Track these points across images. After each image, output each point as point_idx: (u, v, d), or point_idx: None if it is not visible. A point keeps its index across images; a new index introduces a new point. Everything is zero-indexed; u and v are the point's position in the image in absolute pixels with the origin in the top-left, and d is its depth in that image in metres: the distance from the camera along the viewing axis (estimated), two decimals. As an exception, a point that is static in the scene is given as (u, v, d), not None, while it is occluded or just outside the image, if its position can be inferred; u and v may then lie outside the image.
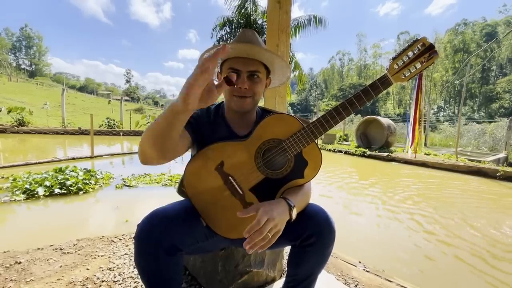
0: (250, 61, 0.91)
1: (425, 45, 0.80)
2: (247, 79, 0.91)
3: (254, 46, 0.87)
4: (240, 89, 0.90)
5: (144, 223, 0.77)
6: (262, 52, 0.89)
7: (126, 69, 75.67)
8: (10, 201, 3.09)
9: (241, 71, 0.90)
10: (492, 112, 30.17)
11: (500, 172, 6.05)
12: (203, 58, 0.57)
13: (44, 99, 21.69)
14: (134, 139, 11.96)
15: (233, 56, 0.91)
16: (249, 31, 0.97)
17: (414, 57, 0.82)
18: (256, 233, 0.69)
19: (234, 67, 0.90)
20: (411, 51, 0.82)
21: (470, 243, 2.68)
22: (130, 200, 3.49)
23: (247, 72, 0.91)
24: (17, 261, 1.50)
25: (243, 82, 0.90)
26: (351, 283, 1.46)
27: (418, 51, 0.81)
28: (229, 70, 0.91)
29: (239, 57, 0.91)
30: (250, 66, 0.91)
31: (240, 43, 0.87)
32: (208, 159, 0.89)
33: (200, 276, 1.29)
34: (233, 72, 0.88)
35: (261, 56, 0.92)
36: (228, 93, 0.93)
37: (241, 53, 0.90)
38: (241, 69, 0.90)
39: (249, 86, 0.91)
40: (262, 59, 0.94)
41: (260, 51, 0.89)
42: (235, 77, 0.65)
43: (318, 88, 63.94)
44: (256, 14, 9.91)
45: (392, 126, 10.03)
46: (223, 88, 0.63)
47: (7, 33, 69.38)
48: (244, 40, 0.92)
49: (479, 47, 34.97)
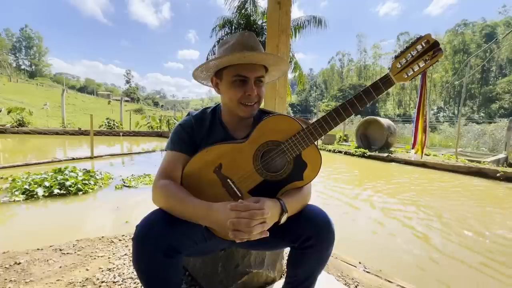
0: (256, 66, 0.89)
1: (430, 42, 0.77)
2: (254, 85, 0.89)
3: (262, 54, 0.87)
4: (250, 96, 0.88)
5: (142, 224, 0.76)
6: (269, 57, 0.90)
7: (126, 70, 75.81)
8: (9, 201, 3.09)
9: (249, 78, 0.88)
10: (492, 113, 30.18)
11: (500, 173, 6.04)
12: (238, 232, 0.71)
13: (44, 99, 21.69)
14: (134, 140, 11.96)
15: (242, 63, 0.87)
16: (248, 34, 0.93)
17: (418, 55, 0.78)
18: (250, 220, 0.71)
19: (243, 74, 0.87)
20: (415, 49, 0.79)
21: (470, 244, 2.67)
22: (130, 200, 3.49)
23: (254, 77, 0.89)
24: (16, 261, 1.49)
25: (251, 89, 0.88)
26: (351, 284, 1.46)
27: (422, 49, 0.78)
28: (236, 77, 0.87)
29: (245, 63, 0.88)
30: (257, 72, 0.89)
31: (252, 52, 0.85)
32: (206, 161, 0.88)
33: (200, 276, 1.29)
34: (241, 79, 0.88)
35: (267, 61, 0.91)
36: (234, 102, 0.90)
37: (251, 61, 0.87)
38: (249, 76, 0.88)
39: (256, 91, 0.89)
40: (269, 64, 0.93)
41: (267, 57, 0.89)
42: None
43: (318, 89, 64.00)
44: (256, 15, 9.92)
45: (392, 126, 10.03)
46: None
47: (7, 33, 69.43)
48: (249, 47, 0.88)
49: (479, 48, 34.99)
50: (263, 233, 0.73)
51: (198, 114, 0.99)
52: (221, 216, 0.74)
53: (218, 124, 0.97)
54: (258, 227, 0.72)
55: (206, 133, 0.95)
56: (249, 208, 0.73)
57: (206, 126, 0.96)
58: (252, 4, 9.71)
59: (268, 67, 0.96)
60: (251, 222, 0.71)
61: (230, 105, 0.93)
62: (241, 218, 0.71)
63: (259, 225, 0.72)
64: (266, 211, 0.74)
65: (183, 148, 0.90)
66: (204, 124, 0.96)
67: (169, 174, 0.86)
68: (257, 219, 0.72)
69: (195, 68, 0.91)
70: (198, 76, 0.97)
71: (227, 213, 0.73)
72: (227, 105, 0.96)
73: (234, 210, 0.73)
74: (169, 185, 0.83)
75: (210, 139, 0.94)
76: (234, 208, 0.73)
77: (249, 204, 0.74)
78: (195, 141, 0.93)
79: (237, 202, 0.75)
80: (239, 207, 0.73)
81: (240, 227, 0.70)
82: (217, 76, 0.94)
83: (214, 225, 0.76)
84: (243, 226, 0.70)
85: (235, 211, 0.73)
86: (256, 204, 0.74)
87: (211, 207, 0.77)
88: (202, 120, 0.97)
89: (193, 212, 0.78)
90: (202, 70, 0.93)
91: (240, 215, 0.72)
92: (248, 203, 0.74)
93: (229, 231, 0.71)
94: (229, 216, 0.72)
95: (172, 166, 0.88)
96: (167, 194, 0.81)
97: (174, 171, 0.87)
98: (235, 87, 0.89)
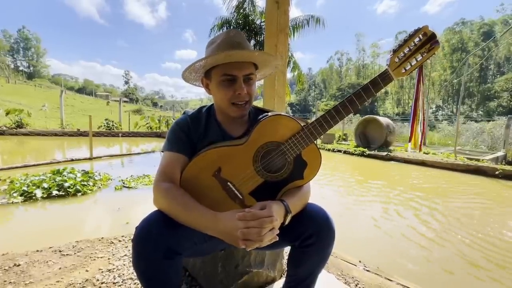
0: (245, 64, 0.88)
1: (427, 34, 0.76)
2: (244, 84, 0.87)
3: (251, 52, 0.85)
4: (240, 95, 0.87)
5: (142, 226, 0.76)
6: (255, 54, 0.88)
7: (125, 70, 75.67)
8: (7, 203, 3.08)
9: (237, 76, 0.86)
10: (490, 111, 30.20)
11: (499, 171, 6.06)
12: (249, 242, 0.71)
13: (42, 100, 21.64)
14: (133, 140, 11.94)
15: (228, 61, 0.86)
16: (234, 32, 0.91)
17: (416, 48, 0.77)
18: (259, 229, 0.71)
19: (230, 73, 0.86)
20: (413, 42, 0.78)
21: (470, 242, 2.68)
22: (130, 201, 3.48)
23: (243, 76, 0.87)
24: (16, 263, 1.49)
25: (241, 88, 0.86)
26: (351, 283, 1.46)
27: (420, 41, 0.77)
28: (224, 76, 0.86)
29: (232, 61, 0.86)
30: (245, 70, 0.87)
31: (236, 50, 0.84)
32: (205, 165, 0.87)
33: (200, 276, 1.28)
34: (230, 78, 0.86)
35: (254, 57, 0.89)
36: (225, 102, 0.89)
37: (238, 59, 0.86)
38: (237, 74, 0.86)
39: (246, 90, 0.88)
40: (257, 61, 0.92)
41: (256, 54, 0.87)
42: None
43: (317, 88, 63.98)
44: (255, 15, 9.91)
45: (391, 125, 10.05)
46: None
47: (4, 34, 69.12)
48: (235, 44, 0.87)
49: (477, 46, 35.06)
50: (273, 238, 0.73)
51: (194, 113, 0.98)
52: (228, 226, 0.73)
53: (213, 123, 0.96)
54: (268, 235, 0.72)
55: (202, 132, 0.94)
56: (257, 216, 0.72)
57: (202, 125, 0.95)
58: (251, 3, 9.69)
59: (258, 64, 0.94)
60: (261, 231, 0.70)
61: (221, 106, 0.92)
62: (251, 227, 0.71)
63: (269, 232, 0.72)
64: (274, 217, 0.73)
65: (181, 148, 0.90)
66: (200, 123, 0.95)
67: (169, 175, 0.85)
68: (266, 227, 0.71)
69: (183, 70, 0.90)
70: (188, 78, 0.95)
71: (234, 223, 0.72)
72: (218, 106, 0.95)
73: (242, 220, 0.72)
74: (173, 190, 0.81)
75: (207, 138, 0.93)
76: (242, 218, 0.72)
77: (257, 212, 0.73)
78: (192, 140, 0.92)
79: (245, 211, 0.74)
80: (247, 216, 0.72)
81: (250, 237, 0.70)
82: (206, 77, 0.93)
83: (221, 235, 0.75)
84: (254, 235, 0.70)
85: (244, 221, 0.72)
86: (264, 212, 0.73)
87: (217, 216, 0.76)
88: (198, 119, 0.96)
89: (198, 221, 0.77)
90: (191, 72, 0.92)
91: (249, 225, 0.71)
92: (255, 211, 0.73)
93: (240, 241, 0.71)
94: (237, 226, 0.71)
95: (171, 167, 0.87)
96: (171, 199, 0.79)
97: (173, 173, 0.86)
98: (224, 87, 0.87)
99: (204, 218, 0.76)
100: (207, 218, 0.76)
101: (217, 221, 0.75)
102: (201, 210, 0.77)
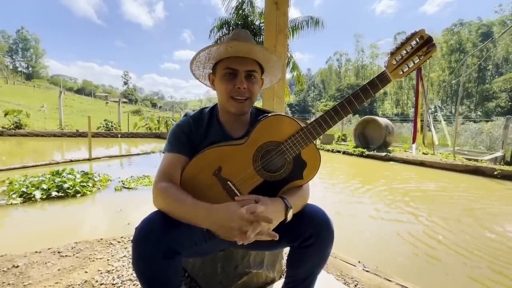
0: (247, 60, 0.89)
1: (424, 38, 0.77)
2: (244, 79, 0.89)
3: (251, 44, 0.86)
4: (239, 89, 0.88)
5: (141, 226, 0.76)
6: (259, 50, 0.88)
7: (124, 71, 75.40)
8: (6, 204, 3.07)
9: (238, 71, 0.88)
10: (489, 111, 30.28)
11: (498, 171, 6.08)
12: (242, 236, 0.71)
13: (41, 101, 21.57)
14: (132, 141, 11.93)
15: (230, 55, 0.88)
16: (243, 31, 0.95)
17: (413, 51, 0.78)
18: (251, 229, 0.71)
19: (231, 67, 0.88)
20: (410, 45, 0.79)
21: (469, 242, 2.69)
22: (130, 202, 3.48)
23: (244, 71, 0.89)
24: (14, 264, 1.48)
25: (241, 82, 0.88)
26: (350, 283, 1.46)
27: (416, 45, 0.78)
28: (226, 70, 0.88)
29: (235, 56, 0.89)
30: (247, 65, 0.89)
31: (237, 42, 0.85)
32: (205, 164, 0.87)
33: (200, 277, 1.28)
34: (230, 72, 0.88)
35: (257, 54, 0.90)
36: (225, 96, 0.90)
37: (238, 52, 0.88)
38: (239, 68, 0.88)
39: (247, 86, 0.89)
40: (258, 58, 0.92)
41: (257, 49, 0.87)
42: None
43: (316, 89, 64.02)
44: (254, 15, 9.92)
45: (390, 126, 10.07)
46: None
47: (3, 35, 68.94)
48: (237, 38, 0.90)
49: (475, 47, 35.18)
50: (272, 235, 0.73)
51: (196, 114, 0.99)
52: (222, 217, 0.74)
53: (215, 124, 0.97)
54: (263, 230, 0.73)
55: (204, 132, 0.94)
56: (251, 210, 0.73)
57: (204, 126, 0.95)
58: (250, 4, 9.71)
59: (261, 62, 0.95)
60: (257, 225, 0.71)
61: (222, 101, 0.94)
62: (246, 220, 0.72)
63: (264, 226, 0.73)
64: (264, 208, 0.75)
65: (182, 149, 0.90)
66: (202, 124, 0.96)
67: (169, 176, 0.86)
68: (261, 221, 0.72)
69: (190, 62, 0.93)
70: (197, 74, 0.99)
71: (228, 214, 0.73)
72: (220, 102, 0.96)
73: (239, 216, 0.73)
74: (169, 187, 0.82)
75: (208, 139, 0.93)
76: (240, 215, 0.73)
77: (251, 206, 0.74)
78: (194, 141, 0.93)
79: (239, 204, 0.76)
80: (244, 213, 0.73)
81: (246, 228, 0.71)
82: (213, 73, 0.96)
83: (215, 226, 0.76)
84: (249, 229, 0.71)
85: (240, 216, 0.73)
86: (260, 206, 0.75)
87: (211, 208, 0.77)
88: (200, 120, 0.97)
89: (193, 213, 0.77)
90: (198, 66, 0.95)
91: (244, 217, 0.72)
92: (249, 206, 0.75)
93: (235, 232, 0.72)
94: (231, 217, 0.73)
95: (171, 168, 0.87)
96: (167, 196, 0.80)
97: (173, 174, 0.87)
98: (225, 80, 0.89)
99: (199, 210, 0.77)
100: (201, 209, 0.77)
101: (210, 213, 0.76)
102: (195, 203, 0.79)
